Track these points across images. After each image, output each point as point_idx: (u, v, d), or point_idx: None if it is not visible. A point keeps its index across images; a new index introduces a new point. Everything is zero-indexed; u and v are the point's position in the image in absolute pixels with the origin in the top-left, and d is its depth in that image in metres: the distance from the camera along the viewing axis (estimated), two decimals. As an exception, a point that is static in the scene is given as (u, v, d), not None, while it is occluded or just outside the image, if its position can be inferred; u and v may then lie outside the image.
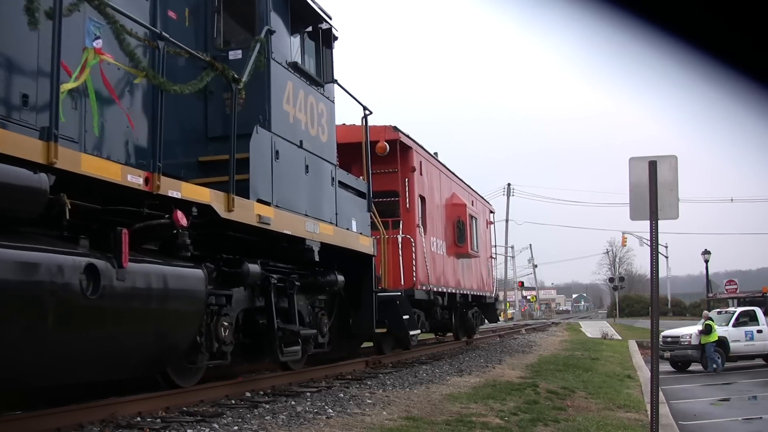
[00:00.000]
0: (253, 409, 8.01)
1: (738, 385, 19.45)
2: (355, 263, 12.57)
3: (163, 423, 6.96)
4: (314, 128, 10.54)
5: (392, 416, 8.39)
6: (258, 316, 9.77)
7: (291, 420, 7.55)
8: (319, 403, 8.75)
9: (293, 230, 9.54)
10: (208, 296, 8.46)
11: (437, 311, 18.40)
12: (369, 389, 10.30)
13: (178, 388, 8.39)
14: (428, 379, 12.24)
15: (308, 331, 10.34)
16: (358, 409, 8.56)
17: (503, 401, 10.42)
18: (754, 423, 13.51)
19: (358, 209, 12.36)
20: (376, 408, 8.79)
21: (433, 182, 18.33)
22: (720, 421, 13.61)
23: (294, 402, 8.68)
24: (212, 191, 7.87)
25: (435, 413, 8.96)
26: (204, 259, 8.58)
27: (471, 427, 8.26)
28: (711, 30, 3.75)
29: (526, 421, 9.10)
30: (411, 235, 15.96)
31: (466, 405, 9.79)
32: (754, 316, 24.79)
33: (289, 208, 9.57)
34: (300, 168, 10.02)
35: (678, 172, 8.36)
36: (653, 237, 8.52)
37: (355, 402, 9.04)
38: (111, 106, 7.11)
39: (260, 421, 7.34)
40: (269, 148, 9.13)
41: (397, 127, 15.66)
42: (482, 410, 9.48)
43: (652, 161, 8.32)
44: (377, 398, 9.52)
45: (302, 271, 10.97)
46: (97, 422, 6.72)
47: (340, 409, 8.48)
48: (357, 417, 8.08)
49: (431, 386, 11.33)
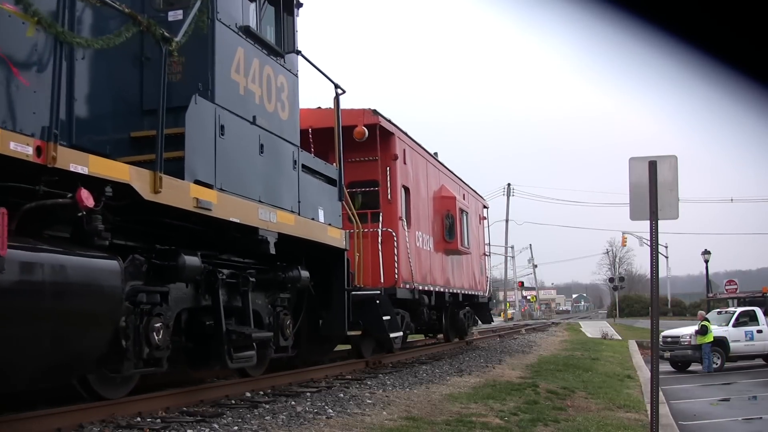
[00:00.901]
0: (253, 409, 7.99)
1: (738, 385, 19.28)
2: (326, 258, 11.36)
3: (163, 423, 6.94)
4: (272, 103, 9.28)
5: (392, 416, 8.40)
6: (205, 316, 8.55)
7: (291, 420, 7.55)
8: (319, 403, 8.73)
9: (243, 218, 8.28)
10: (137, 293, 7.25)
11: (424, 311, 17.09)
12: (369, 389, 10.28)
13: (179, 388, 8.00)
14: (428, 379, 12.24)
15: (262, 333, 9.07)
16: (358, 409, 8.56)
17: (503, 401, 10.42)
18: (754, 423, 13.39)
19: (326, 197, 11.09)
20: (376, 408, 8.78)
21: (419, 172, 16.96)
22: (720, 421, 13.48)
23: (294, 402, 8.66)
24: (133, 168, 6.61)
25: (435, 413, 8.95)
26: (134, 250, 7.38)
27: (471, 427, 8.25)
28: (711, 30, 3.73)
29: (526, 421, 9.08)
30: (393, 229, 14.67)
31: (466, 405, 9.79)
32: (754, 316, 24.66)
33: (238, 192, 8.32)
34: (253, 147, 8.77)
35: (678, 172, 8.37)
36: (653, 237, 8.51)
37: (355, 402, 9.03)
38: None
39: (260, 421, 7.34)
40: (212, 122, 7.89)
41: (377, 111, 14.33)
42: (482, 410, 9.48)
43: (652, 161, 8.30)
44: (377, 398, 9.51)
45: (262, 266, 9.76)
46: (97, 422, 6.72)
47: (340, 409, 8.47)
48: (357, 417, 8.09)
49: (431, 386, 11.33)
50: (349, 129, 14.04)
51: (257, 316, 9.58)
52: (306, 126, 13.84)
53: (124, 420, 6.93)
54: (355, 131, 13.92)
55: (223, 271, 8.60)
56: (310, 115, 13.85)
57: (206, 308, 8.52)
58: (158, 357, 7.43)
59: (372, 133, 14.06)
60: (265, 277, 9.60)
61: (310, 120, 13.77)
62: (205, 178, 7.69)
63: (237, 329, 8.59)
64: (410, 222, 15.79)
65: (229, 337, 8.41)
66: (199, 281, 8.36)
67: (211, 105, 7.89)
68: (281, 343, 9.98)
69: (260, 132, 8.89)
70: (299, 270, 9.97)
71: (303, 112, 14.15)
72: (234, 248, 9.10)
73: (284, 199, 9.47)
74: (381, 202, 14.65)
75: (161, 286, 7.57)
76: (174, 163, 7.40)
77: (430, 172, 18.04)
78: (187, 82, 7.89)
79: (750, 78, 4.03)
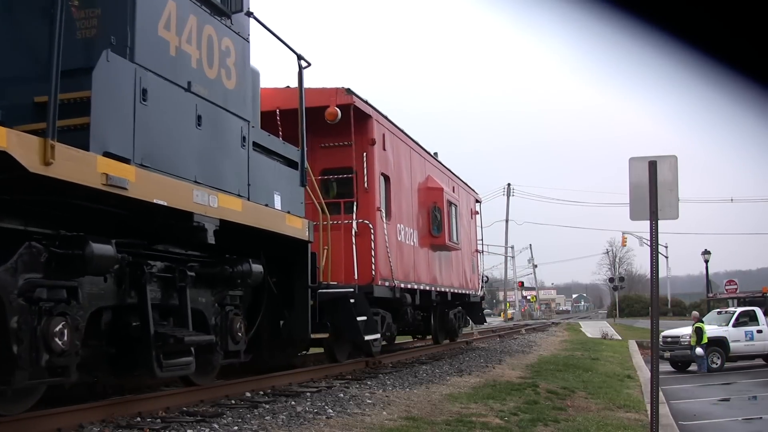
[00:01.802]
0: (253, 409, 7.93)
1: (738, 385, 19.33)
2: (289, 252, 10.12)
3: (163, 423, 6.90)
4: (213, 69, 7.99)
5: (392, 416, 8.39)
6: (132, 316, 7.29)
7: (291, 420, 7.53)
8: (319, 403, 8.69)
9: (172, 200, 6.97)
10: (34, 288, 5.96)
11: (407, 312, 15.76)
12: (369, 389, 10.27)
13: (179, 388, 7.76)
14: (428, 379, 12.23)
15: (199, 337, 7.76)
16: (358, 409, 8.54)
17: (503, 401, 10.43)
18: (754, 423, 13.40)
19: (285, 182, 9.77)
20: (376, 408, 8.77)
21: (402, 160, 15.58)
22: (720, 421, 13.47)
23: (294, 402, 8.61)
24: (14, 132, 5.32)
25: (435, 413, 8.95)
26: (30, 236, 6.11)
27: (471, 427, 8.25)
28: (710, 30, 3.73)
29: (526, 421, 9.07)
30: (370, 221, 13.33)
31: (466, 405, 9.79)
32: (754, 316, 24.69)
33: (166, 170, 7.03)
34: (187, 118, 7.47)
35: (678, 172, 8.38)
36: (653, 237, 8.51)
37: (355, 402, 9.01)
38: None
39: (260, 421, 7.31)
40: (130, 84, 6.61)
41: (351, 90, 12.97)
42: (482, 410, 9.47)
43: (652, 161, 8.30)
44: (377, 398, 9.50)
45: (209, 259, 8.52)
46: (97, 422, 6.70)
47: (340, 409, 8.44)
48: (357, 417, 8.08)
49: (431, 386, 11.35)
50: (320, 110, 12.78)
51: (200, 316, 8.33)
52: (272, 107, 12.56)
53: (124, 420, 6.91)
54: (327, 112, 12.62)
55: (152, 264, 7.33)
56: (277, 95, 12.58)
57: (133, 307, 7.26)
58: (63, 365, 6.16)
59: (346, 115, 12.72)
60: (208, 272, 8.34)
61: (277, 100, 12.50)
62: (119, 150, 6.40)
63: (168, 332, 7.32)
64: (390, 213, 14.46)
65: (158, 340, 7.14)
66: (123, 275, 7.10)
67: (130, 64, 6.61)
68: (230, 347, 8.70)
69: (197, 101, 7.60)
70: (250, 264, 8.68)
71: (269, 92, 12.85)
72: (175, 239, 7.85)
73: (229, 181, 8.18)
74: (357, 191, 13.30)
75: (67, 280, 6.30)
76: (83, 132, 6.16)
77: (415, 161, 16.69)
78: (102, 38, 6.62)
79: (750, 78, 4.03)
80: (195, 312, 8.18)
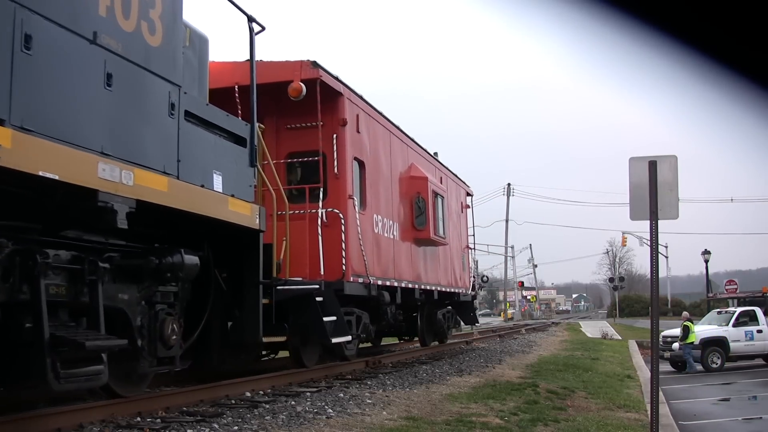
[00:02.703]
0: (253, 409, 7.93)
1: (738, 385, 19.32)
2: (239, 243, 8.84)
3: (163, 423, 6.89)
4: (131, 21, 6.66)
5: (392, 416, 8.39)
6: (27, 317, 5.99)
7: (291, 420, 7.52)
8: (319, 403, 8.68)
9: (66, 174, 5.65)
10: None
11: (387, 311, 14.40)
12: (369, 389, 10.28)
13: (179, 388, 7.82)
14: (428, 379, 12.22)
15: (106, 342, 6.36)
16: (358, 409, 8.54)
17: (503, 401, 10.44)
18: (754, 423, 13.39)
19: (229, 160, 8.39)
20: (376, 408, 8.78)
21: (379, 145, 14.19)
22: (720, 421, 13.45)
23: (294, 402, 8.60)
24: None
25: (435, 413, 8.95)
26: None
27: (471, 427, 8.24)
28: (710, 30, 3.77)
29: (526, 421, 9.07)
30: (340, 210, 11.96)
31: (466, 405, 9.79)
32: (754, 316, 24.69)
33: (59, 137, 5.72)
34: (92, 75, 6.14)
35: (678, 172, 8.37)
36: (653, 237, 8.54)
37: (355, 402, 9.02)
38: None
39: (260, 421, 7.31)
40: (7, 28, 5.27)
41: (317, 63, 11.61)
42: (482, 410, 9.47)
43: (652, 161, 8.33)
44: (377, 398, 9.51)
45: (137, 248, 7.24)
46: (97, 422, 6.69)
47: (340, 409, 8.44)
48: (357, 417, 8.07)
49: (431, 386, 11.35)
50: (285, 86, 11.46)
51: (122, 316, 7.03)
52: (231, 83, 11.25)
53: (124, 420, 6.89)
54: (290, 87, 11.25)
55: (48, 253, 6.03)
56: (236, 70, 11.25)
57: (27, 305, 5.96)
58: None
59: (312, 91, 11.34)
60: (130, 263, 7.03)
61: (236, 75, 11.16)
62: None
63: (69, 335, 6.01)
64: (366, 203, 13.11)
65: (54, 345, 5.84)
66: (12, 266, 5.81)
67: (6, 1, 5.32)
68: (160, 352, 7.38)
69: (106, 56, 6.28)
70: (182, 254, 7.37)
71: (227, 66, 11.51)
72: (83, 224, 6.55)
73: (150, 155, 6.83)
74: (326, 177, 11.90)
75: None
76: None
77: (396, 147, 15.31)
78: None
79: (749, 78, 4.02)
80: (114, 311, 6.90)
